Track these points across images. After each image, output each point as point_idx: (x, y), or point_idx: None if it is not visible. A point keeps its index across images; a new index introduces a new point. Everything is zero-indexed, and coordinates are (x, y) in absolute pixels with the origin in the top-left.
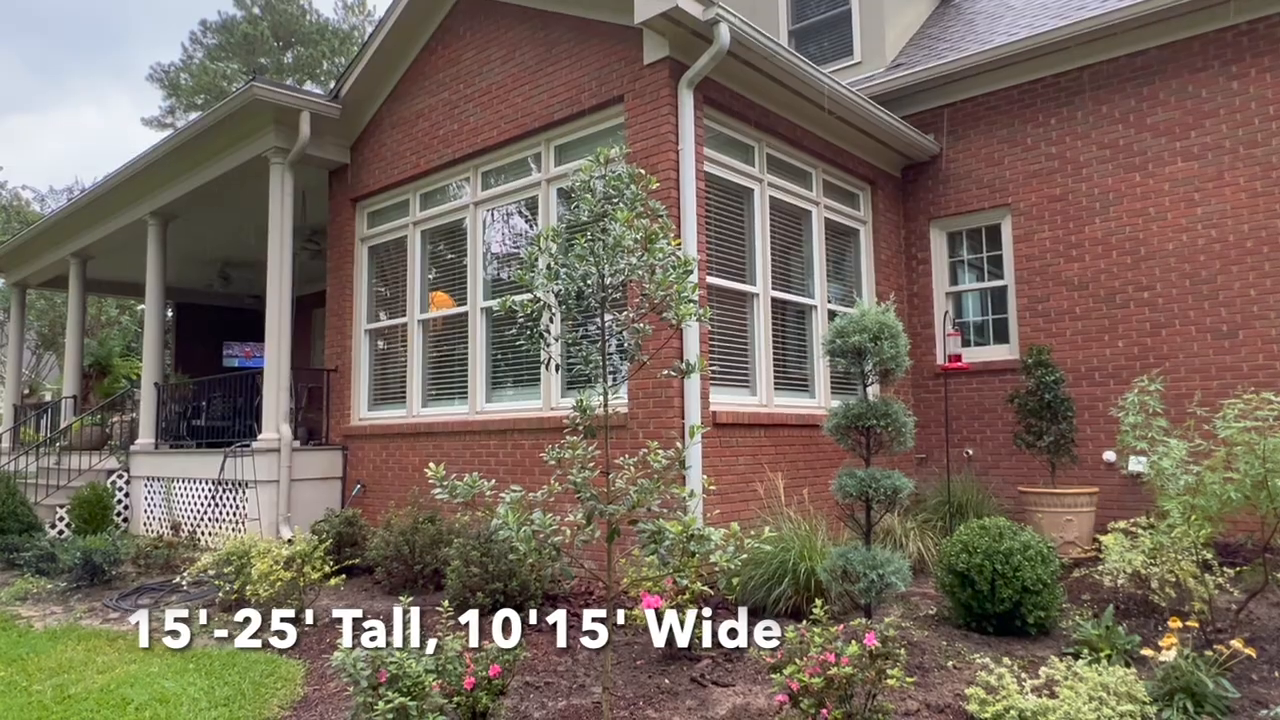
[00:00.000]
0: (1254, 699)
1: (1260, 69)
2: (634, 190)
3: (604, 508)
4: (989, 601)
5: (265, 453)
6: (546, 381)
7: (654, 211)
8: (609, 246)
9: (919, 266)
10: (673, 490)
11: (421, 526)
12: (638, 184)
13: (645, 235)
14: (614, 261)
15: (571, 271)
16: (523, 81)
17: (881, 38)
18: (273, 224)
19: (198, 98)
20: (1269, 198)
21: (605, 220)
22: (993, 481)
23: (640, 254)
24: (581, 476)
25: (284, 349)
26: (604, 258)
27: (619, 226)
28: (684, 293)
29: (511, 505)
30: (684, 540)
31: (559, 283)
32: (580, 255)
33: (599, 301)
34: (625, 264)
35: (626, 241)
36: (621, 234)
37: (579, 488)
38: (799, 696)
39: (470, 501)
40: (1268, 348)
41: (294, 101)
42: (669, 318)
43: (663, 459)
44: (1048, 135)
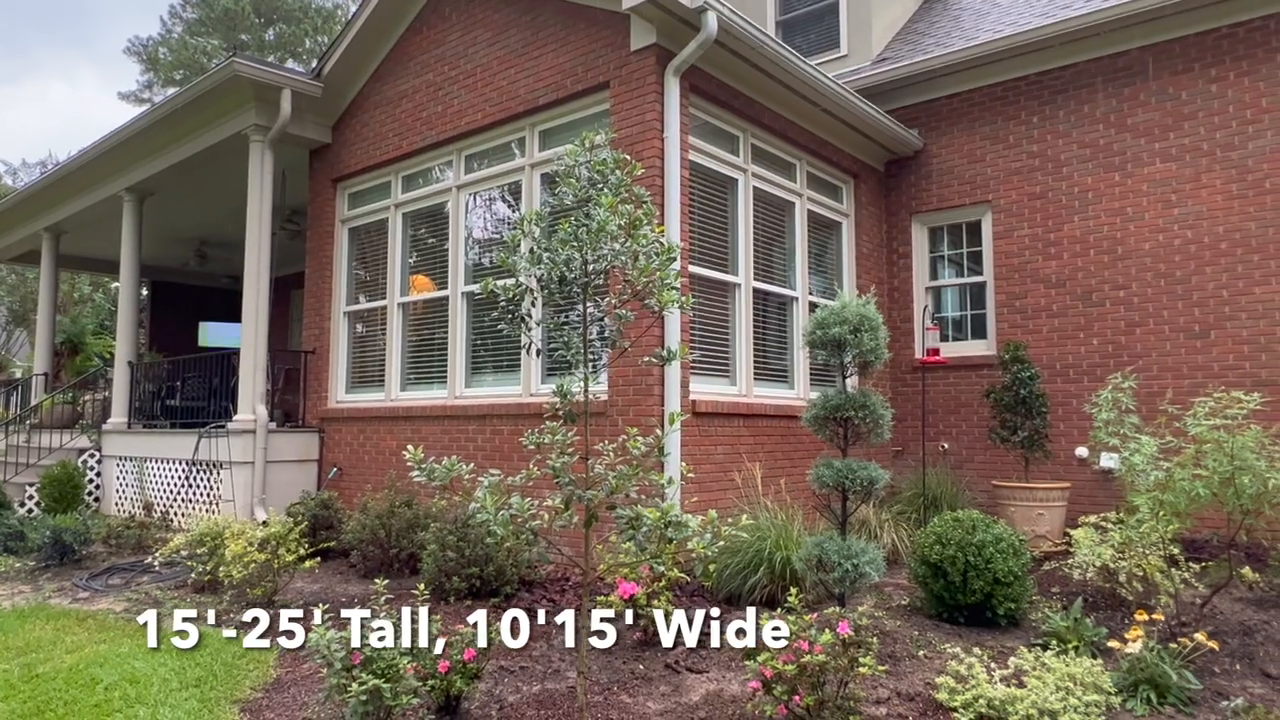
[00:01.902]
0: (1215, 690)
1: (1239, 73)
2: (619, 176)
3: (582, 493)
4: (961, 592)
5: (241, 434)
6: (526, 367)
7: (638, 197)
8: (593, 231)
9: (900, 261)
10: (651, 477)
11: (398, 510)
12: (622, 169)
13: (629, 221)
14: (597, 247)
15: (555, 256)
16: (508, 65)
17: (868, 31)
18: (252, 203)
19: (176, 73)
20: (1244, 201)
21: (589, 205)
22: (967, 475)
23: (624, 240)
24: (561, 462)
25: (261, 330)
26: (587, 243)
27: (603, 211)
28: (666, 280)
29: (489, 489)
30: (661, 526)
31: (541, 267)
32: (564, 240)
33: (581, 287)
34: (609, 249)
35: (610, 227)
36: (606, 219)
37: (558, 473)
38: (772, 683)
39: (448, 485)
40: (1238, 348)
41: (275, 78)
42: (651, 305)
43: (642, 445)
44: (1029, 133)
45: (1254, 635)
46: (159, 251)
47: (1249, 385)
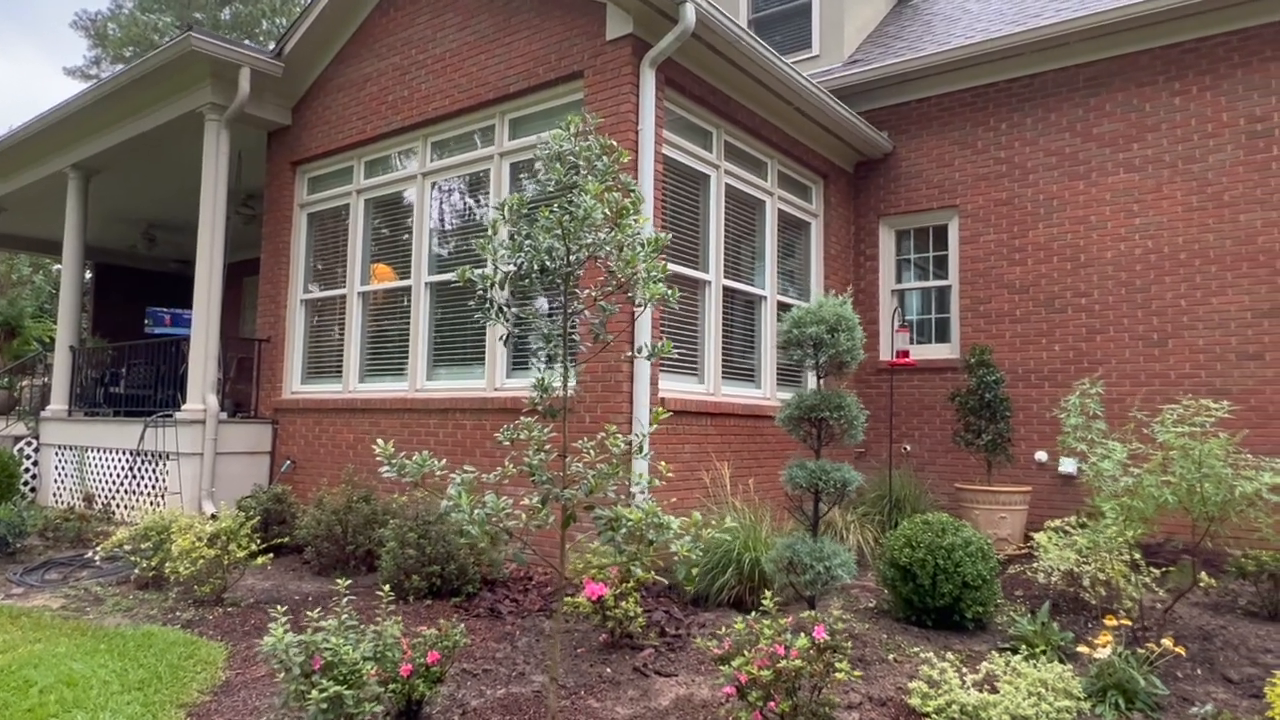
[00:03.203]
0: (1180, 696)
1: (1202, 87)
2: (605, 162)
3: (560, 491)
4: (930, 596)
5: (189, 424)
6: (491, 361)
7: (624, 185)
8: (578, 219)
9: (866, 263)
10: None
11: (355, 506)
12: (609, 156)
13: (616, 209)
14: (580, 236)
15: (536, 244)
16: (479, 50)
17: (840, 32)
18: (206, 184)
19: (126, 50)
20: (1202, 213)
21: (573, 192)
22: (929, 477)
23: (609, 229)
24: (539, 459)
25: (214, 316)
26: (571, 231)
27: (589, 199)
28: (652, 272)
29: (463, 486)
30: (643, 528)
31: (522, 255)
32: (546, 227)
33: (563, 278)
34: (593, 239)
35: (596, 215)
36: (592, 206)
37: (535, 470)
38: (747, 689)
39: (418, 481)
40: (1194, 357)
41: (234, 55)
42: (635, 298)
43: (622, 443)
44: (998, 140)
45: (1213, 640)
46: (105, 233)
47: (1204, 394)
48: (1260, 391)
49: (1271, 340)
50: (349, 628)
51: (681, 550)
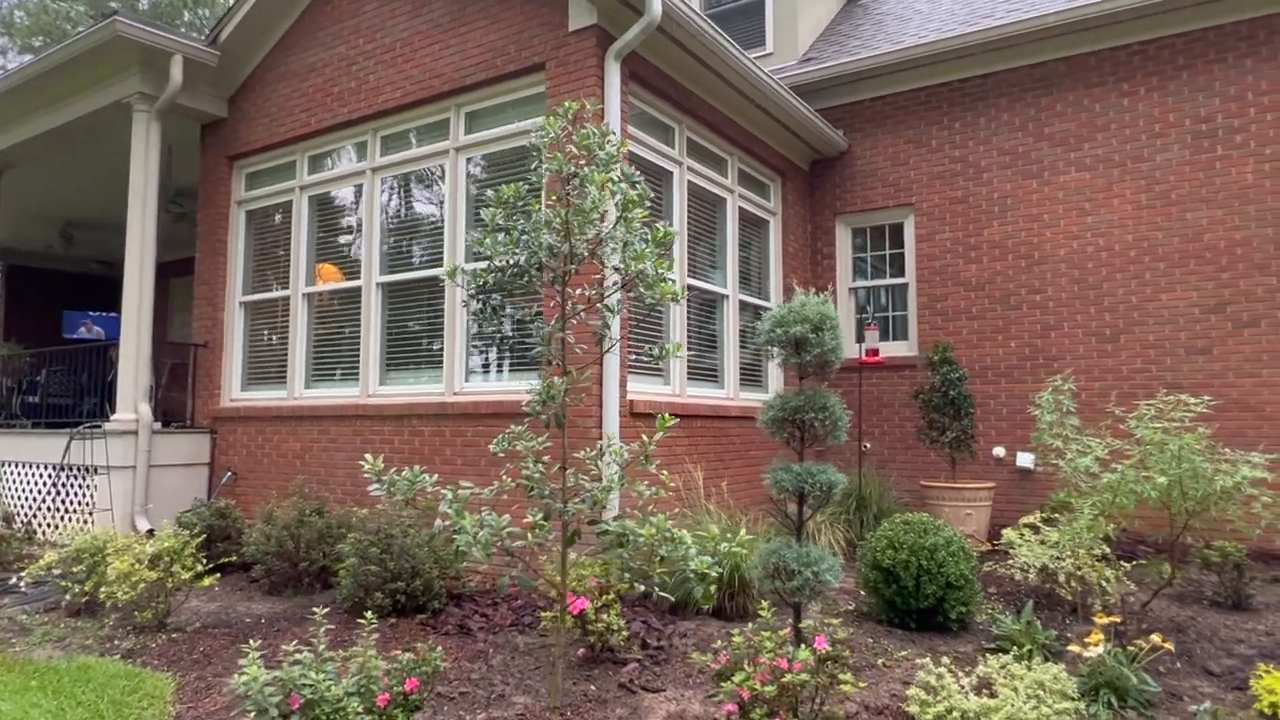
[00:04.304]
0: (1169, 691)
1: (1149, 88)
2: (609, 151)
3: (562, 506)
4: (913, 597)
5: (120, 435)
6: (450, 364)
7: (628, 176)
8: (584, 212)
9: (824, 261)
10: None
11: (308, 519)
12: (611, 145)
13: (625, 200)
14: (584, 230)
15: (533, 240)
16: (432, 40)
17: (794, 30)
18: (135, 180)
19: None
20: (1151, 211)
21: (572, 183)
22: (890, 475)
23: (616, 223)
24: (539, 471)
25: (145, 320)
26: (574, 225)
27: (595, 190)
28: (662, 269)
29: (457, 502)
30: (654, 543)
31: (520, 251)
32: (548, 222)
33: (562, 275)
34: (596, 233)
35: (606, 208)
36: (600, 198)
37: (533, 484)
38: (750, 706)
39: (410, 500)
40: (1145, 352)
41: (165, 43)
42: (645, 295)
43: (625, 453)
44: (951, 139)
45: (1187, 632)
46: (17, 231)
47: (1155, 387)
48: (1209, 385)
49: (1218, 335)
50: (326, 659)
51: (701, 567)
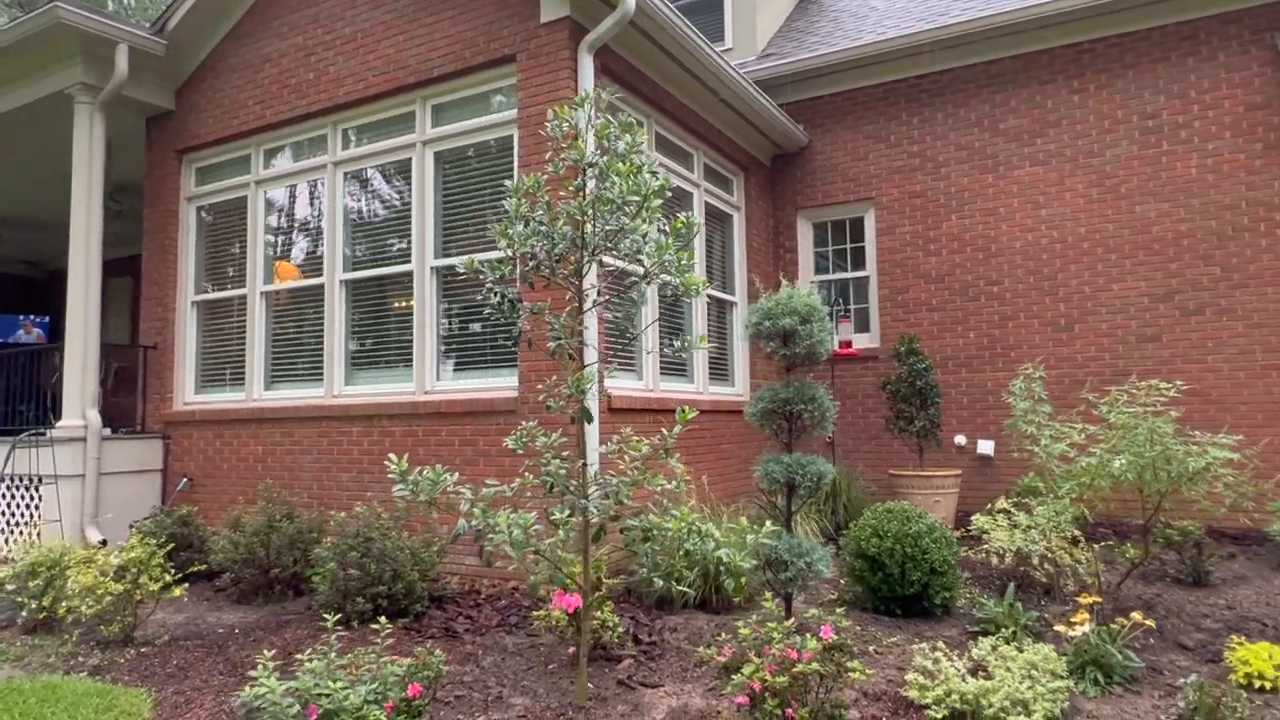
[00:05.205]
0: (1150, 666)
1: (1099, 85)
2: (629, 141)
3: (585, 502)
4: (899, 584)
5: (68, 442)
6: (421, 362)
7: (649, 166)
8: (609, 201)
9: (786, 255)
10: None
11: (278, 525)
12: (631, 134)
13: (648, 191)
14: (607, 220)
15: (552, 230)
16: (396, 31)
17: (753, 26)
18: (78, 175)
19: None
20: (1102, 204)
21: (589, 173)
22: (856, 464)
23: (636, 213)
24: (563, 469)
25: (92, 321)
26: (596, 216)
27: (621, 181)
28: (684, 261)
29: (482, 501)
30: (681, 538)
31: (536, 241)
32: (569, 213)
33: (579, 266)
34: (617, 224)
35: (633, 199)
36: (630, 188)
37: (555, 480)
38: (761, 697)
39: (432, 500)
40: (1098, 340)
41: (110, 31)
42: (668, 287)
43: (645, 447)
44: (910, 134)
45: (1155, 609)
46: None
47: (1109, 375)
48: (1158, 371)
49: (1167, 323)
50: (340, 667)
51: (734, 559)
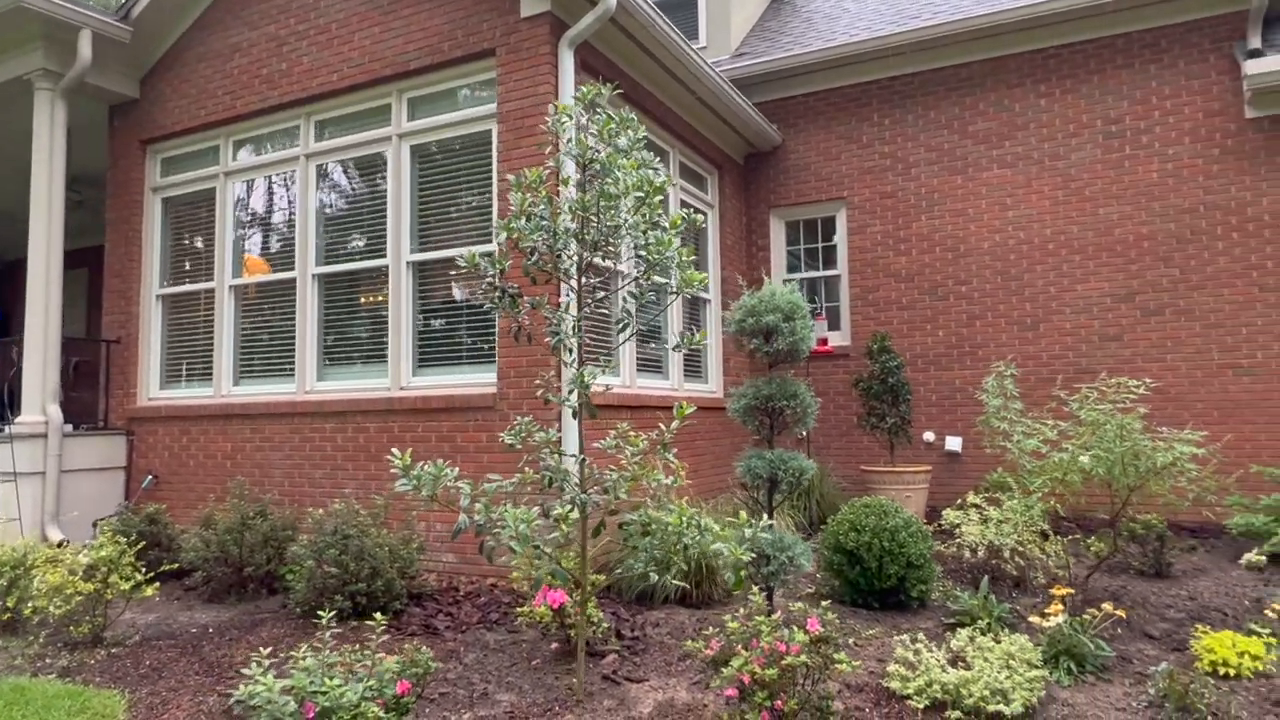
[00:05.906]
0: (1120, 655)
1: (1064, 90)
2: (630, 137)
3: (587, 497)
4: (876, 578)
5: (27, 438)
6: (396, 358)
7: (649, 163)
8: (612, 197)
9: (759, 253)
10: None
11: (251, 522)
12: (632, 131)
13: (651, 187)
14: (610, 215)
15: (554, 225)
16: (371, 22)
17: (727, 25)
18: (39, 165)
19: None
20: (1067, 206)
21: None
22: (828, 461)
23: (637, 208)
24: (562, 464)
25: (54, 314)
26: (598, 210)
27: (625, 177)
28: (683, 256)
29: (483, 496)
30: (679, 532)
31: (539, 236)
32: (571, 208)
33: (581, 261)
34: (617, 219)
35: (635, 194)
36: (634, 183)
37: (555, 475)
38: (750, 689)
39: (435, 495)
40: (1063, 339)
41: (73, 15)
42: (669, 282)
43: (643, 442)
44: (881, 135)
45: (1121, 600)
46: None
47: (1073, 373)
48: (1120, 370)
49: (1128, 323)
50: (332, 664)
51: (735, 553)
